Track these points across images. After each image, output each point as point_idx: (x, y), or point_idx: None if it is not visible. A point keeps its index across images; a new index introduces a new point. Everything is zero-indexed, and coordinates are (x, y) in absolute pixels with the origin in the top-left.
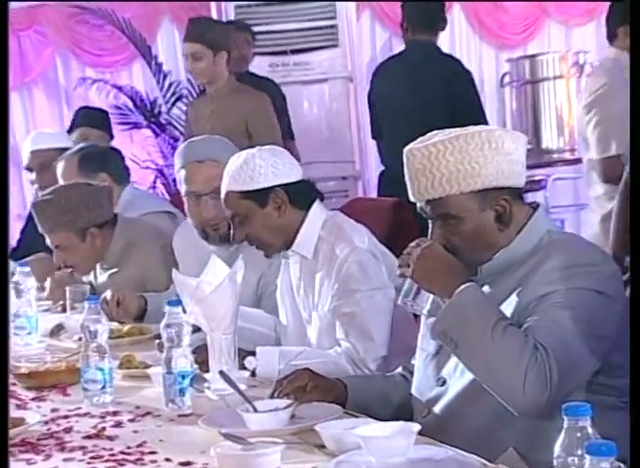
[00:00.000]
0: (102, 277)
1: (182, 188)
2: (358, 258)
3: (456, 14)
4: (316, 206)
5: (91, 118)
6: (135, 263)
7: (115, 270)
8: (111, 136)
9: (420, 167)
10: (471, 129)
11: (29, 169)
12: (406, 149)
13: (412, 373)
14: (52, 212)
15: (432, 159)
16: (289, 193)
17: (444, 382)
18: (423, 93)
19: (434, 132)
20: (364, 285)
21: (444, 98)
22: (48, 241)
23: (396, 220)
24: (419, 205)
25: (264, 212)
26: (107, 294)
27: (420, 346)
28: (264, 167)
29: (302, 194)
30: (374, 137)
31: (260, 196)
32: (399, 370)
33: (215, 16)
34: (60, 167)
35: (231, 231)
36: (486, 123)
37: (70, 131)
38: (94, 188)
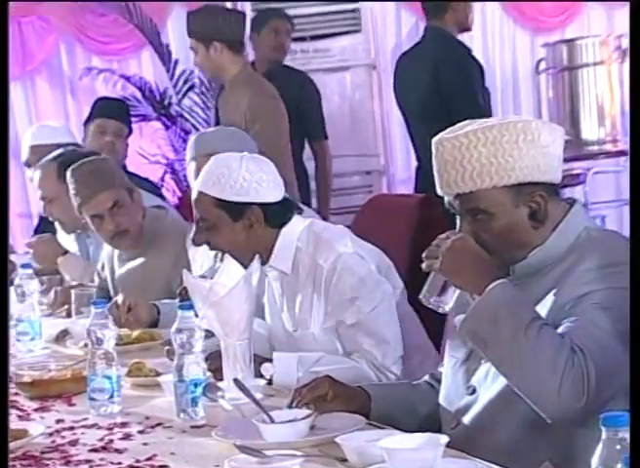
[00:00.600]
0: (122, 269)
1: (192, 183)
2: (346, 265)
3: None
4: (292, 220)
5: (108, 109)
6: (163, 254)
7: (141, 260)
8: (130, 129)
9: (450, 158)
10: (506, 119)
11: (28, 164)
12: (435, 140)
13: (439, 382)
14: (99, 172)
15: (463, 150)
16: (266, 213)
17: (474, 391)
18: (428, 82)
19: (466, 121)
20: (361, 290)
21: (434, 87)
22: (95, 205)
23: (423, 218)
24: (447, 199)
25: (234, 226)
26: (119, 299)
27: (448, 352)
28: (249, 180)
29: (279, 214)
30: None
31: (235, 209)
32: (426, 377)
33: None
34: (36, 175)
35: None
36: (477, 114)
37: (87, 122)
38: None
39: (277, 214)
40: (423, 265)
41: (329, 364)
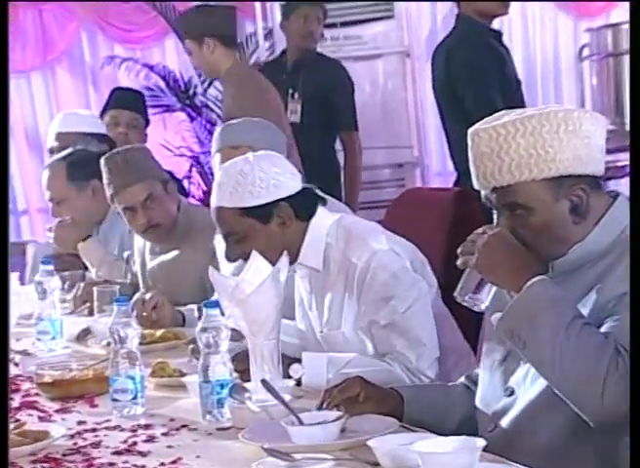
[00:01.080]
0: (154, 262)
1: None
2: (381, 263)
3: None
4: (319, 211)
5: (122, 99)
6: (198, 248)
7: (174, 254)
8: (147, 121)
9: (487, 150)
10: (546, 108)
11: (51, 151)
12: (471, 130)
13: (475, 384)
14: (135, 162)
15: (501, 141)
16: (293, 206)
17: (512, 392)
18: (447, 75)
19: (503, 111)
20: (396, 289)
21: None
22: (128, 197)
23: (459, 213)
24: (483, 193)
25: (267, 228)
26: (146, 295)
27: (484, 353)
28: (265, 180)
29: (306, 204)
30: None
31: (263, 212)
32: (462, 379)
33: None
34: (45, 175)
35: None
36: (488, 109)
37: (102, 114)
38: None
39: (304, 205)
40: (458, 262)
41: (360, 365)
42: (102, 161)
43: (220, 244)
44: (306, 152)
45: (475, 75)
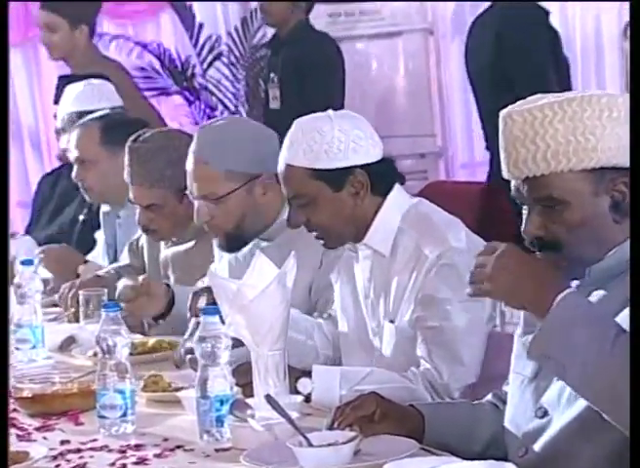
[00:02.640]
0: (168, 251)
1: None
2: (452, 261)
3: None
4: (396, 191)
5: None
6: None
7: (192, 243)
8: None
9: (520, 135)
10: (589, 92)
11: (58, 133)
12: (503, 113)
13: (504, 402)
14: (156, 163)
15: (536, 126)
16: (370, 176)
17: (545, 413)
18: (494, 52)
19: (539, 95)
20: (457, 294)
21: (498, 58)
22: (135, 194)
23: (487, 210)
24: (514, 184)
25: (338, 197)
26: (140, 279)
27: (513, 369)
28: (345, 142)
29: (384, 177)
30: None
31: (337, 178)
32: (489, 397)
33: None
34: (74, 136)
35: (289, 213)
36: (543, 89)
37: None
38: (190, 140)
39: (382, 177)
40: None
41: (378, 381)
42: (129, 142)
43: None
44: None
45: (532, 57)
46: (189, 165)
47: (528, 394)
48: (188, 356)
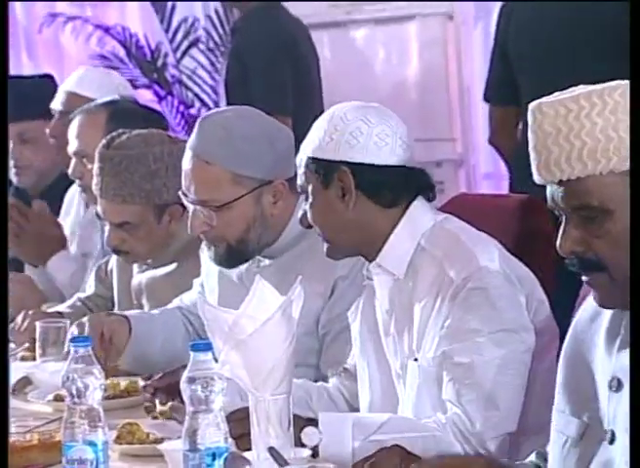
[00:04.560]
0: (142, 275)
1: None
2: (482, 284)
3: None
4: (418, 204)
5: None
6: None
7: (173, 267)
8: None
9: (552, 131)
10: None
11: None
12: (533, 105)
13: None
14: (131, 175)
15: (571, 120)
16: (359, 177)
17: None
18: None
19: (582, 86)
20: (490, 324)
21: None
22: (105, 210)
23: (526, 228)
24: (548, 190)
25: (327, 195)
26: (96, 319)
27: (555, 427)
28: (340, 131)
29: (392, 185)
30: (503, 103)
31: (325, 172)
32: (532, 457)
33: None
34: (77, 122)
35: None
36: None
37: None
38: (182, 145)
39: (386, 185)
40: None
41: (398, 430)
42: (100, 147)
43: (203, 254)
44: None
45: (608, 46)
46: (187, 163)
47: (572, 458)
48: (169, 403)
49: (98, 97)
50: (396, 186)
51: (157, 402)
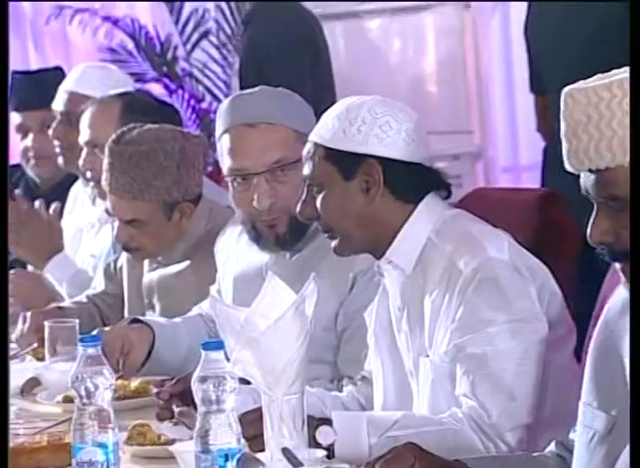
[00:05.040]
0: (153, 273)
1: (225, 164)
2: (493, 274)
3: None
4: (429, 199)
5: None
6: (213, 262)
7: (186, 264)
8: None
9: (583, 118)
10: None
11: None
12: (565, 91)
13: (571, 452)
14: (142, 171)
15: (602, 109)
16: (388, 173)
17: None
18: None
19: (616, 70)
20: (502, 314)
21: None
22: (114, 206)
23: (546, 222)
24: (582, 177)
25: (347, 187)
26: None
27: (581, 421)
28: (369, 124)
29: (411, 180)
30: (534, 92)
31: (349, 163)
32: (552, 447)
33: None
34: (90, 111)
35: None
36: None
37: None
38: (193, 141)
39: (409, 180)
40: None
41: (413, 426)
42: (110, 142)
43: (221, 253)
44: None
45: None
46: (235, 138)
47: (599, 453)
48: (178, 409)
49: (98, 95)
50: (417, 183)
51: (174, 407)
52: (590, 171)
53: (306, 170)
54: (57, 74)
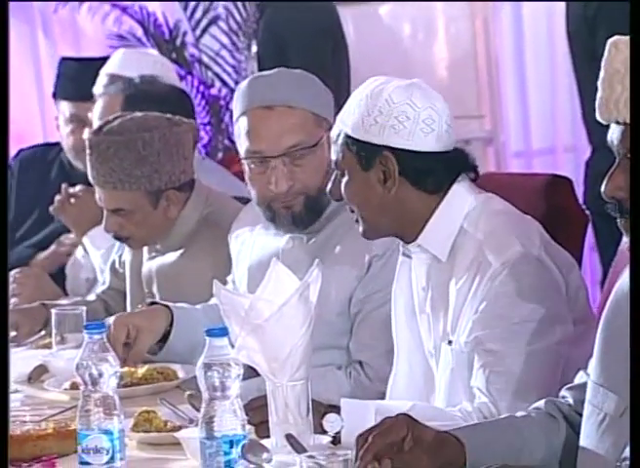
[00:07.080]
0: (152, 261)
1: (242, 146)
2: (520, 270)
3: None
4: (459, 185)
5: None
6: (218, 249)
7: (181, 252)
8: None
9: (621, 69)
10: None
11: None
12: (610, 40)
13: (565, 416)
14: (120, 161)
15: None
16: (402, 164)
17: None
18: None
19: None
20: (525, 312)
21: None
22: (100, 196)
23: (552, 207)
24: (610, 131)
25: (366, 177)
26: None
27: (590, 400)
28: (386, 115)
29: (435, 171)
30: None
31: (366, 154)
32: (541, 404)
33: None
34: (98, 106)
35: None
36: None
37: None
38: (179, 129)
39: (431, 171)
40: None
41: (422, 417)
42: (89, 134)
43: (236, 240)
44: None
45: None
46: (252, 121)
47: (608, 438)
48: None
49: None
50: (440, 172)
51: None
52: (617, 123)
53: (333, 154)
54: None
